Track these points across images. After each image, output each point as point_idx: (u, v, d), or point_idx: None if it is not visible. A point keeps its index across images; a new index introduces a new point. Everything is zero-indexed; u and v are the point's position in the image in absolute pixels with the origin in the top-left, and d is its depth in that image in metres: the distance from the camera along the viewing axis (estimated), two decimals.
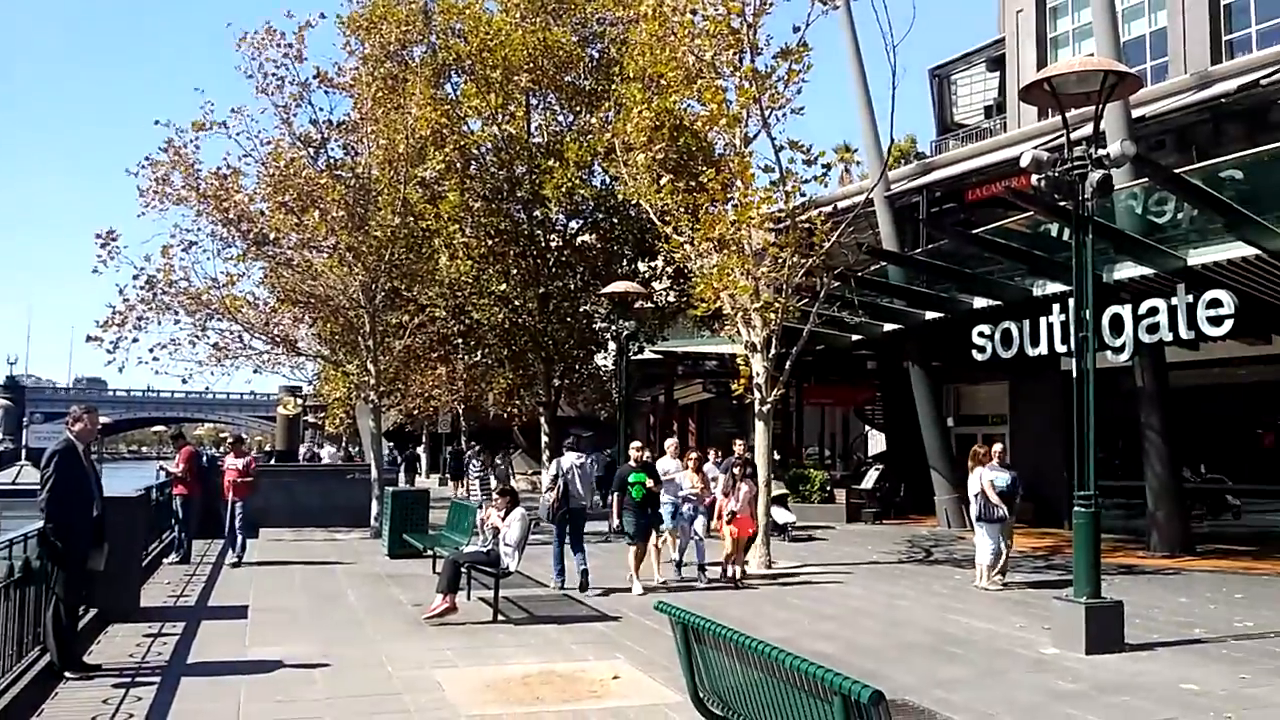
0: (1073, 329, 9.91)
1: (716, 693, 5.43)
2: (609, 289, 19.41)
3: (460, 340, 24.38)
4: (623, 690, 7.81)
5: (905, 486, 25.15)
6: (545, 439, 23.47)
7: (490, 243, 22.64)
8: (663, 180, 16.33)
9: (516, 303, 22.39)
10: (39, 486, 8.02)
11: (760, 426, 15.82)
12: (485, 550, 10.90)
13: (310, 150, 19.64)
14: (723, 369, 27.76)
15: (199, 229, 19.08)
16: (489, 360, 24.85)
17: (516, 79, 21.94)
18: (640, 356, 24.68)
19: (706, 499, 13.79)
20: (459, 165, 22.11)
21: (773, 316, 15.49)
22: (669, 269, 22.51)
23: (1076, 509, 9.60)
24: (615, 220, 23.14)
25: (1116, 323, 9.75)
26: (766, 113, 15.44)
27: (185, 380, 20.64)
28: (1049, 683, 8.14)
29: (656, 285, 23.77)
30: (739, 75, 15.58)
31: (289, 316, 21.40)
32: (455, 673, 8.28)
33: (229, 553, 15.35)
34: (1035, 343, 10.74)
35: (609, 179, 21.77)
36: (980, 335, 11.50)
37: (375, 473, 19.73)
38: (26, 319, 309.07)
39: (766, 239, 15.70)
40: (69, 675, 7.86)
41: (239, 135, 18.77)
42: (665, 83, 16.58)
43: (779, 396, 16.26)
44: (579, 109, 23.25)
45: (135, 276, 18.72)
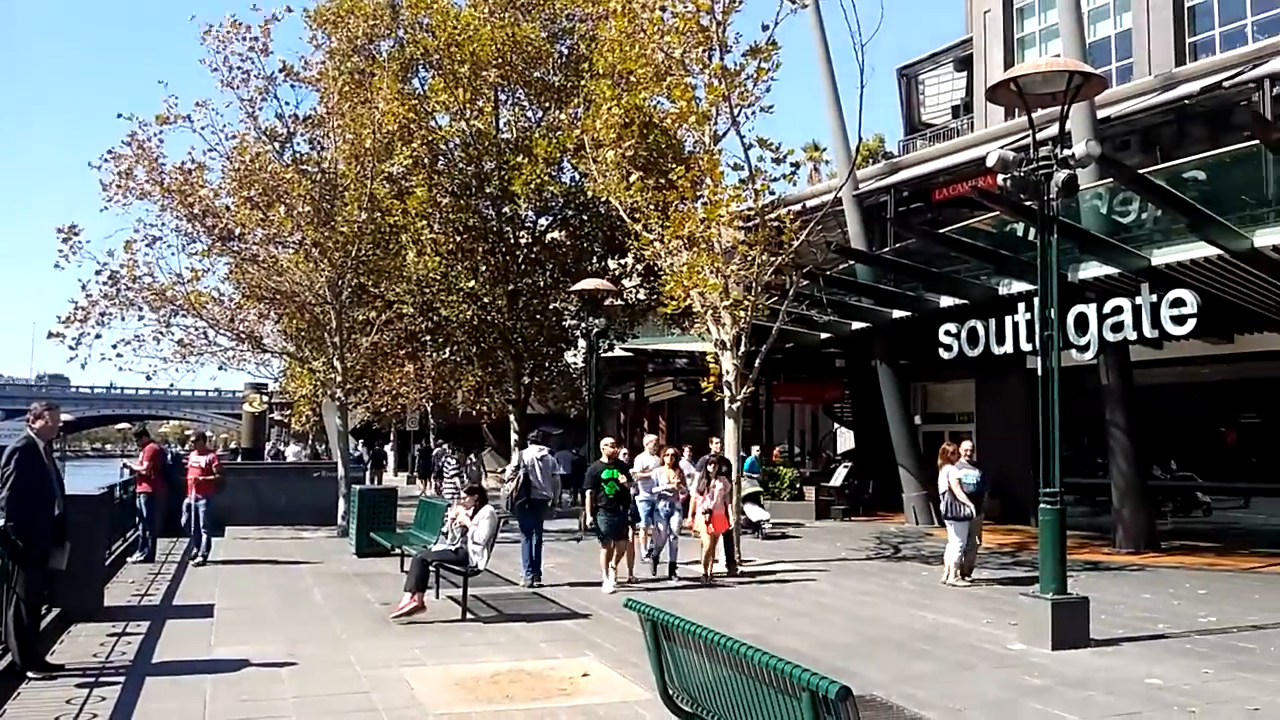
0: (1038, 328, 9.98)
1: (686, 690, 5.43)
2: (579, 286, 19.37)
3: (428, 337, 24.24)
4: (593, 688, 7.79)
5: (874, 484, 25.31)
6: (515, 437, 23.40)
7: (458, 239, 22.52)
8: (632, 177, 16.31)
9: (485, 300, 22.29)
10: None
11: (730, 424, 15.85)
12: (454, 549, 10.85)
13: (276, 145, 19.46)
14: (693, 367, 27.83)
15: (163, 224, 18.94)
16: (458, 357, 24.72)
17: (485, 74, 21.84)
18: (610, 354, 24.66)
19: (681, 495, 13.83)
20: (427, 161, 21.97)
21: (742, 314, 15.51)
22: (639, 266, 22.50)
23: (1042, 506, 9.67)
24: (585, 217, 23.09)
25: (1081, 321, 9.84)
26: (735, 111, 15.46)
27: (149, 377, 20.46)
28: (1016, 678, 8.21)
29: (626, 283, 23.74)
30: (708, 73, 15.58)
31: (254, 312, 21.21)
32: (424, 671, 8.24)
33: (193, 551, 15.18)
34: (1001, 341, 10.83)
35: (578, 176, 21.72)
36: (947, 334, 11.58)
37: (342, 471, 19.59)
38: None
39: (736, 237, 15.72)
40: (31, 675, 7.74)
41: (204, 129, 18.60)
42: (634, 79, 16.55)
43: (749, 394, 16.29)
44: (548, 105, 23.18)
45: (98, 272, 18.53)
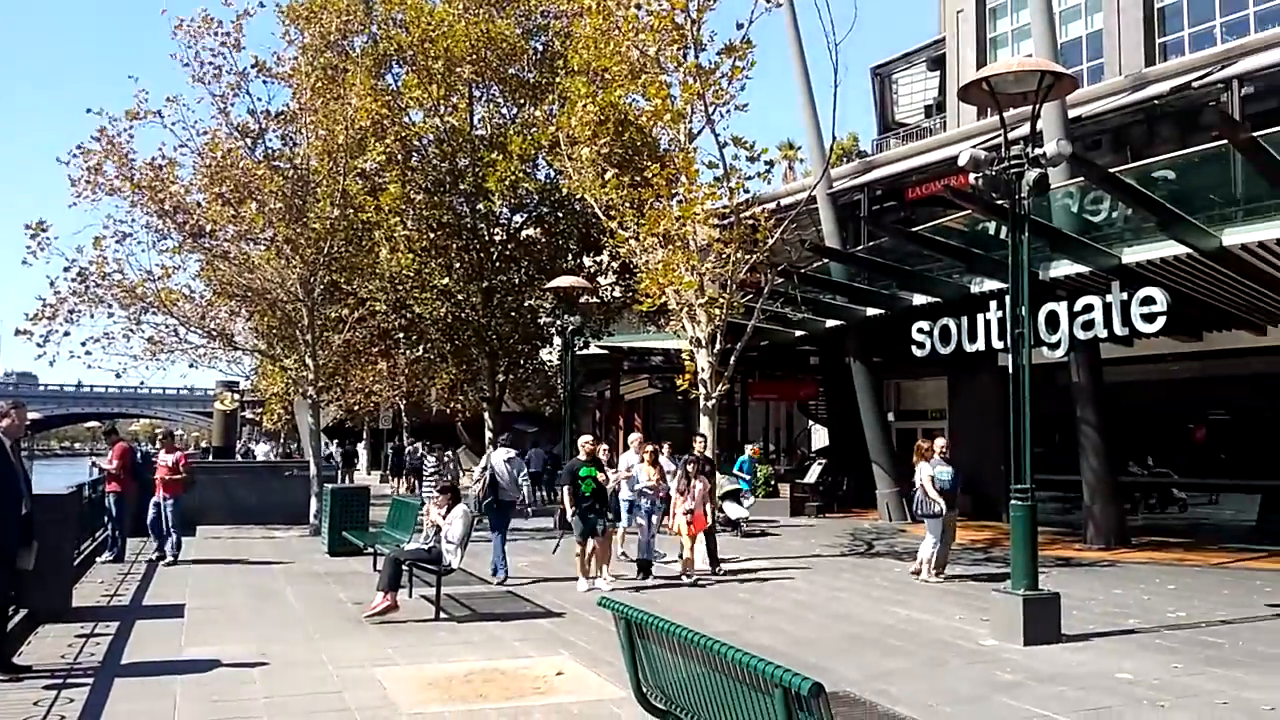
0: (1009, 326, 10.04)
1: (660, 687, 5.43)
2: (554, 283, 19.32)
3: (401, 335, 24.15)
4: (567, 686, 7.78)
5: (848, 480, 25.41)
6: (489, 435, 23.33)
7: (432, 236, 22.43)
8: (607, 175, 16.30)
9: (459, 297, 22.20)
10: None
11: (705, 421, 15.87)
12: (427, 547, 10.80)
13: (248, 141, 19.31)
14: (668, 364, 27.81)
15: (133, 220, 18.80)
16: (431, 355, 24.63)
17: (459, 70, 21.76)
18: (586, 352, 24.61)
19: (660, 493, 13.80)
20: (400, 157, 21.88)
21: (717, 312, 15.53)
22: (614, 264, 22.49)
23: (1013, 502, 9.73)
24: (560, 214, 23.06)
25: (1052, 319, 9.86)
26: (710, 109, 15.48)
27: (119, 375, 20.28)
28: (988, 674, 8.26)
29: (602, 280, 23.73)
30: (683, 71, 15.60)
31: (226, 310, 21.08)
32: (397, 671, 8.19)
33: (161, 551, 15.03)
34: (973, 339, 10.85)
35: (553, 173, 21.69)
36: (920, 331, 11.58)
37: (314, 469, 19.49)
38: None
39: (711, 235, 15.75)
40: None
41: (174, 125, 18.48)
42: (609, 77, 16.55)
43: (724, 392, 16.32)
44: (523, 102, 23.13)
45: (66, 268, 18.39)
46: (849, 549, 17.53)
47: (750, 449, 22.48)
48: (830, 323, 21.29)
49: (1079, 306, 9.72)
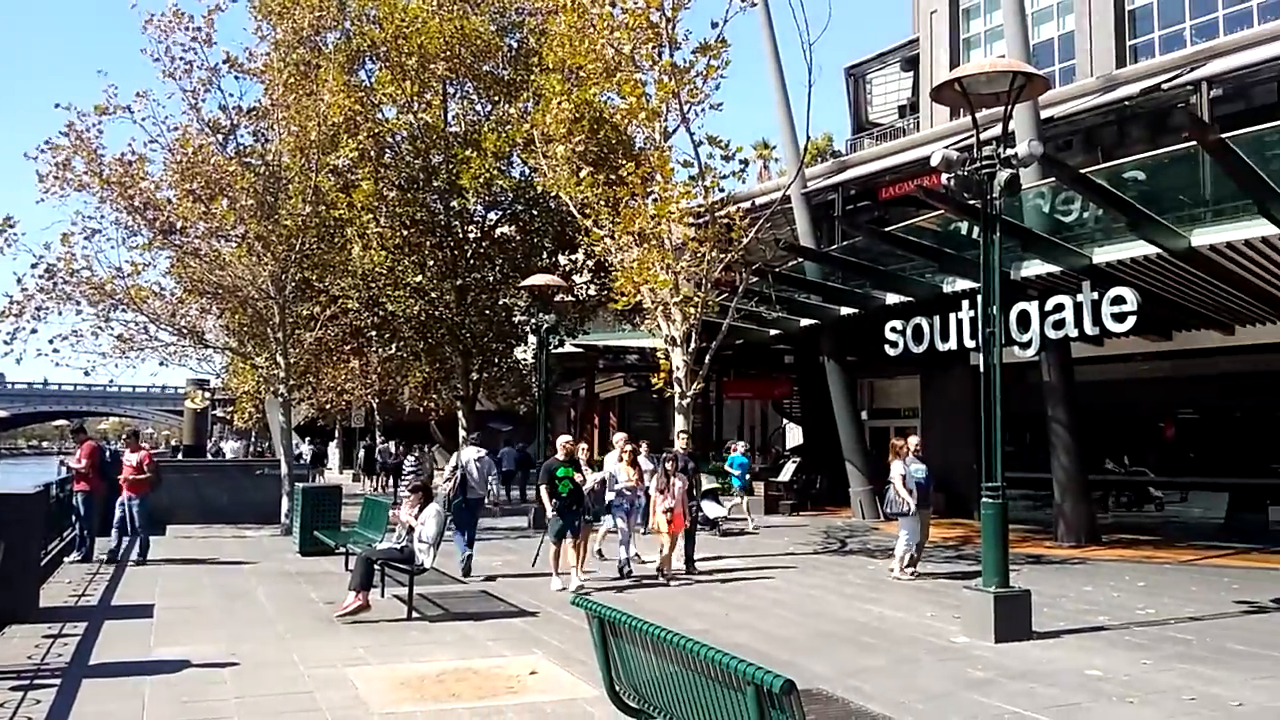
0: (980, 325, 10.10)
1: (633, 686, 5.41)
2: (528, 281, 19.28)
3: (374, 333, 24.01)
4: (540, 685, 7.75)
5: (822, 478, 25.49)
6: (463, 433, 23.25)
7: (405, 233, 22.32)
8: (582, 173, 16.29)
9: (433, 294, 22.10)
10: None
11: (680, 420, 15.88)
12: (399, 547, 10.74)
13: (219, 137, 19.11)
14: (643, 363, 27.85)
15: (102, 216, 18.53)
16: (404, 353, 24.50)
17: (433, 67, 21.66)
18: (561, 350, 24.58)
19: (641, 492, 13.73)
20: (373, 154, 21.75)
21: (692, 311, 15.55)
22: (589, 262, 22.45)
23: (985, 500, 9.78)
24: (535, 212, 22.99)
25: (1023, 319, 9.93)
26: (685, 108, 15.50)
27: (88, 373, 20.10)
28: (959, 671, 8.30)
29: (577, 278, 23.69)
30: (658, 69, 15.61)
31: (196, 307, 20.89)
32: (369, 670, 8.14)
33: (130, 551, 14.85)
34: (945, 338, 10.90)
35: (528, 170, 21.63)
36: (893, 330, 11.63)
37: (285, 468, 19.33)
38: None
39: (686, 234, 15.76)
40: None
41: (145, 120, 18.24)
42: (584, 75, 16.54)
43: (699, 390, 16.34)
44: (497, 99, 23.05)
45: (34, 265, 18.14)
46: (823, 547, 17.59)
47: (743, 445, 22.40)
48: (805, 322, 21.36)
49: (1050, 306, 9.78)
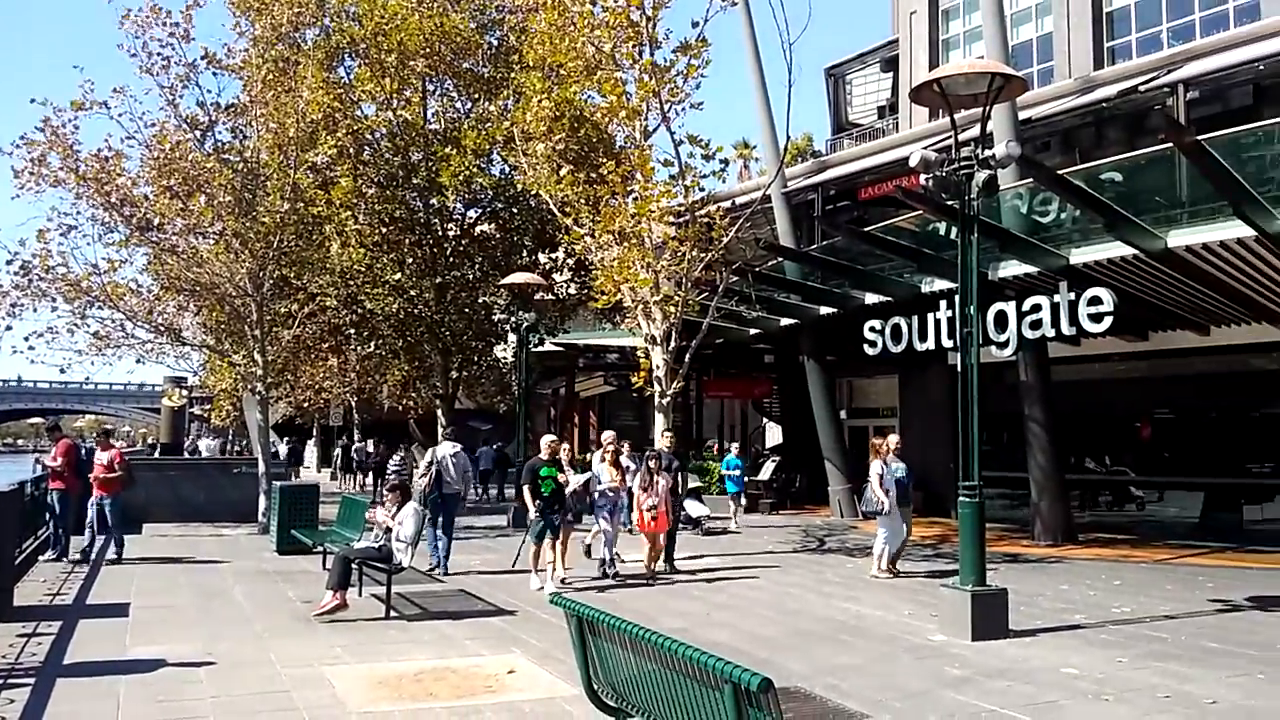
0: (958, 325, 10.15)
1: (611, 684, 5.41)
2: (508, 280, 19.24)
3: (353, 330, 23.91)
4: (518, 684, 7.74)
5: (801, 477, 25.56)
6: (442, 432, 23.19)
7: (384, 230, 22.24)
8: (562, 171, 16.28)
9: (412, 292, 22.03)
10: None
11: (660, 419, 15.88)
12: (377, 546, 10.69)
13: (197, 133, 18.97)
14: (624, 361, 27.84)
15: (78, 213, 18.38)
16: (383, 351, 24.42)
17: (412, 64, 21.60)
18: (541, 349, 24.55)
19: (623, 492, 13.66)
20: (352, 151, 21.66)
21: (672, 310, 15.56)
22: (570, 261, 22.43)
23: (961, 499, 9.82)
24: (515, 210, 22.95)
25: (1001, 319, 9.98)
26: (666, 106, 15.52)
27: (63, 370, 19.86)
28: (936, 669, 8.34)
29: (557, 277, 23.67)
30: (638, 68, 15.61)
31: (173, 305, 20.71)
32: (346, 670, 8.11)
33: (106, 550, 14.74)
34: (923, 338, 10.94)
35: (508, 168, 21.60)
36: (871, 330, 11.67)
37: (263, 467, 19.23)
38: None
39: (666, 233, 15.79)
40: None
41: (121, 116, 18.08)
42: (565, 73, 16.53)
43: (679, 389, 16.35)
44: (477, 96, 23.00)
45: (9, 261, 17.97)
46: (802, 546, 17.64)
47: (736, 446, 22.35)
48: (784, 321, 21.41)
49: (1027, 306, 9.84)
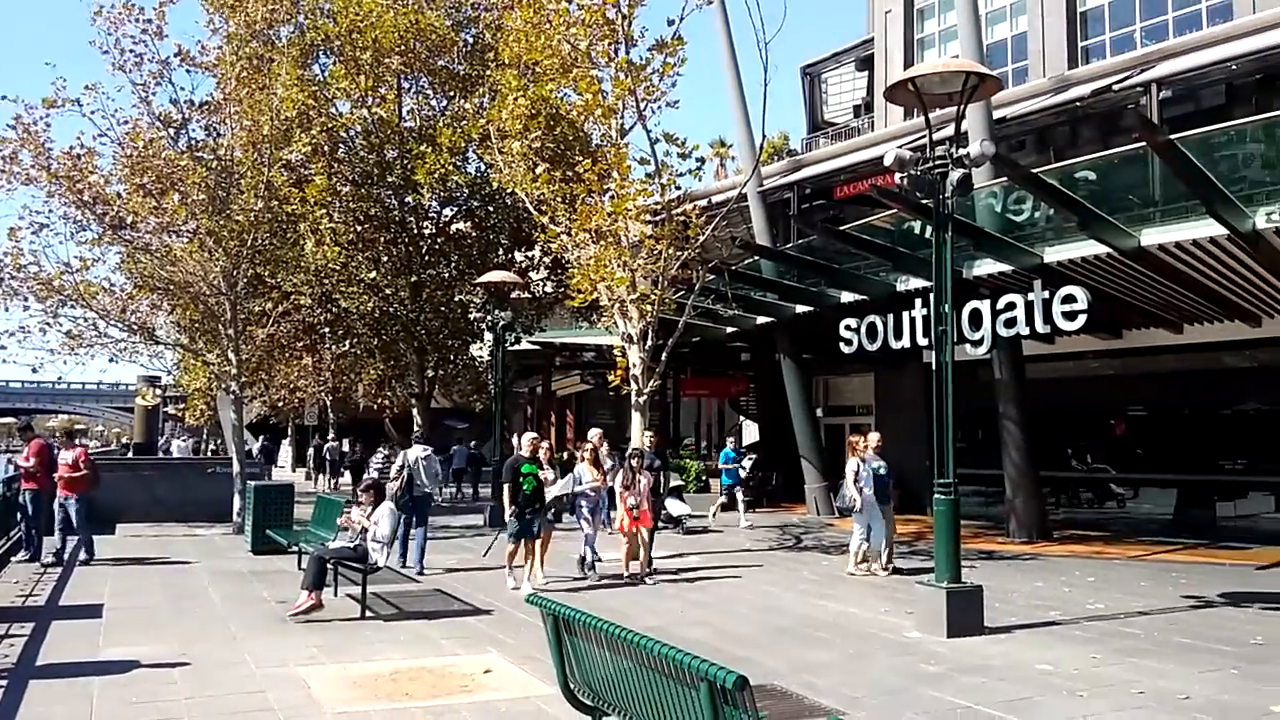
0: (933, 323, 10.19)
1: (587, 683, 5.40)
2: (484, 278, 19.19)
3: (327, 329, 23.81)
4: (494, 684, 7.72)
5: (777, 475, 25.61)
6: (417, 431, 23.10)
7: (359, 229, 22.14)
8: (538, 169, 16.24)
9: (387, 291, 21.94)
10: None
11: (637, 417, 15.88)
12: (352, 545, 10.63)
13: (170, 131, 18.80)
14: (600, 360, 27.82)
15: (50, 211, 18.17)
16: (358, 350, 24.33)
17: (387, 61, 21.52)
18: (517, 347, 24.50)
19: (604, 491, 13.59)
20: (326, 148, 21.56)
21: (649, 308, 15.56)
22: (546, 259, 22.39)
23: (936, 496, 9.86)
24: (491, 208, 22.90)
25: (975, 317, 10.04)
26: (642, 105, 15.50)
27: (35, 370, 19.70)
28: (912, 665, 8.38)
29: (533, 275, 23.63)
30: (614, 66, 15.60)
31: (147, 303, 20.53)
32: (322, 670, 8.07)
33: (76, 551, 14.58)
34: (899, 336, 11.00)
35: (484, 166, 21.54)
36: (847, 328, 11.73)
37: (237, 466, 19.10)
38: None
39: (643, 231, 15.77)
40: None
41: (94, 114, 17.90)
42: (541, 71, 16.49)
43: (656, 387, 16.35)
44: (452, 94, 22.94)
45: None
46: (779, 543, 17.68)
47: (732, 441, 22.24)
48: (761, 319, 21.45)
49: (1001, 304, 9.90)
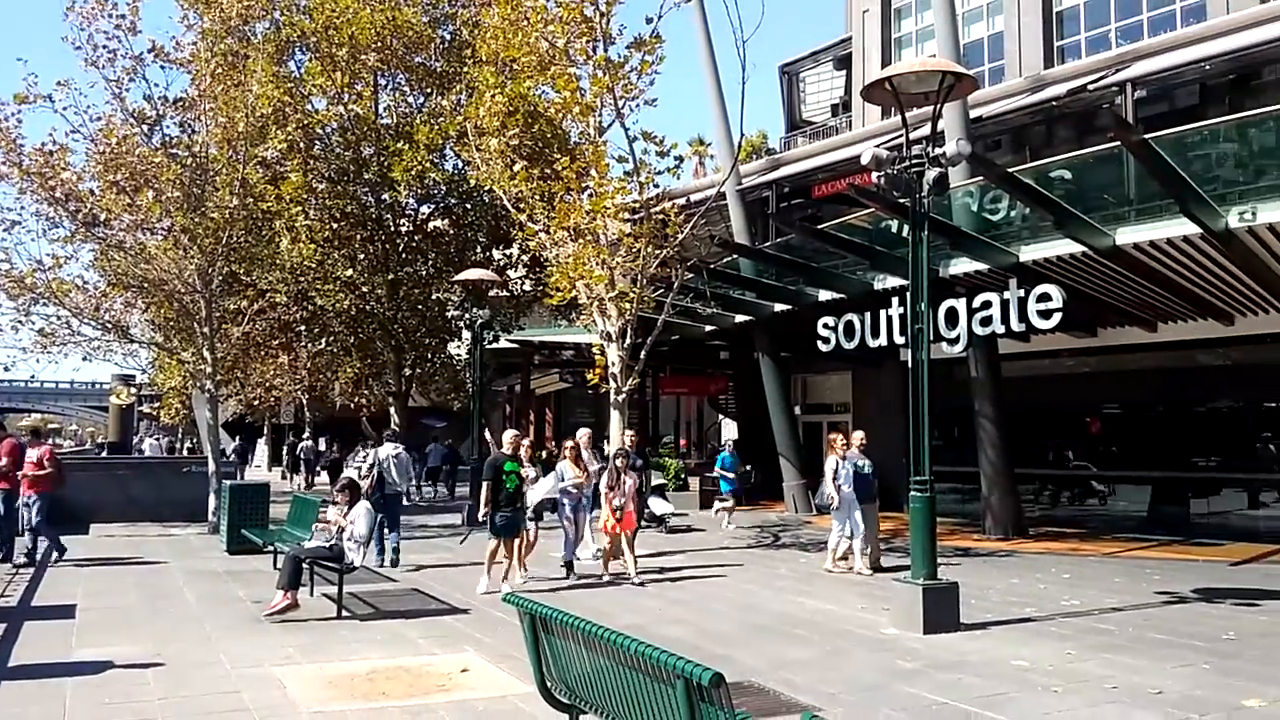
0: (909, 321, 10.23)
1: (564, 681, 5.39)
2: (462, 276, 19.11)
3: (303, 327, 23.68)
4: (471, 682, 7.70)
5: (756, 473, 25.66)
6: (384, 433, 22.97)
7: (335, 226, 22.03)
8: (516, 167, 16.19)
9: (364, 289, 21.84)
10: None
11: (615, 416, 15.87)
12: (328, 545, 10.56)
13: (144, 127, 18.64)
14: (579, 358, 27.80)
15: (22, 208, 18.02)
16: (334, 348, 24.20)
17: (364, 58, 21.43)
18: (495, 345, 24.43)
19: (587, 488, 13.51)
20: (302, 145, 21.44)
21: (628, 306, 15.55)
22: (524, 257, 22.35)
23: (913, 493, 9.89)
24: (468, 206, 22.83)
25: (951, 315, 10.09)
26: (620, 103, 15.49)
27: (7, 368, 19.50)
28: (889, 662, 8.41)
29: (512, 273, 23.57)
30: (592, 64, 15.57)
31: (121, 301, 20.32)
32: (297, 670, 8.01)
33: (49, 551, 14.42)
34: (876, 334, 11.04)
35: (461, 164, 21.46)
36: (825, 327, 11.75)
37: (213, 465, 18.96)
38: None
39: (621, 229, 15.75)
40: None
41: (66, 110, 17.72)
42: (518, 68, 16.44)
43: (634, 386, 16.34)
44: (430, 91, 22.85)
45: None
46: (757, 541, 17.72)
47: (730, 442, 22.14)
48: (739, 318, 21.48)
49: (977, 303, 9.95)
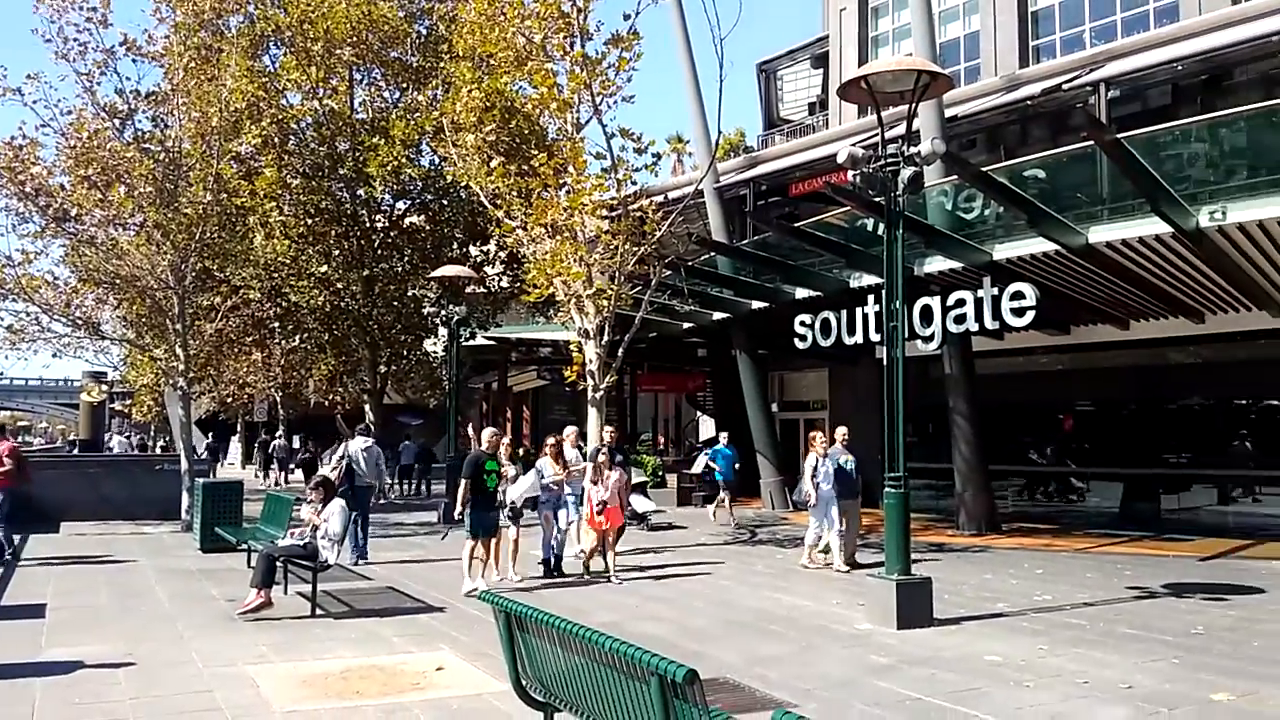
0: (884, 319, 10.27)
1: (539, 679, 5.38)
2: (438, 272, 19.04)
3: (277, 324, 23.55)
4: (446, 681, 7.67)
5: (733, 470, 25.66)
6: (371, 427, 22.90)
7: (310, 222, 21.91)
8: (493, 163, 16.13)
9: (339, 285, 21.75)
10: None
11: (593, 413, 15.85)
12: (302, 543, 10.49)
13: (116, 121, 18.46)
14: (557, 355, 27.76)
15: None
16: (309, 345, 24.09)
17: (339, 53, 21.33)
18: (472, 342, 24.35)
19: (570, 486, 13.43)
20: (276, 140, 21.31)
21: (605, 303, 15.53)
22: (502, 253, 22.30)
23: (887, 490, 9.93)
24: (445, 202, 22.76)
25: (926, 313, 10.14)
26: (598, 99, 15.46)
27: None
28: (862, 657, 8.44)
29: (488, 270, 23.51)
30: (570, 60, 15.54)
31: (92, 297, 20.15)
32: (271, 669, 7.96)
33: (19, 548, 14.29)
34: (851, 332, 11.09)
35: (438, 159, 21.39)
36: (802, 324, 11.80)
37: (185, 463, 18.81)
38: None
39: (599, 226, 15.73)
40: None
41: (36, 103, 17.56)
42: (495, 63, 16.38)
43: (612, 383, 16.32)
44: (406, 86, 22.78)
45: None
46: (734, 538, 17.76)
47: (725, 436, 22.00)
48: (717, 315, 21.52)
49: (952, 301, 10.00)
